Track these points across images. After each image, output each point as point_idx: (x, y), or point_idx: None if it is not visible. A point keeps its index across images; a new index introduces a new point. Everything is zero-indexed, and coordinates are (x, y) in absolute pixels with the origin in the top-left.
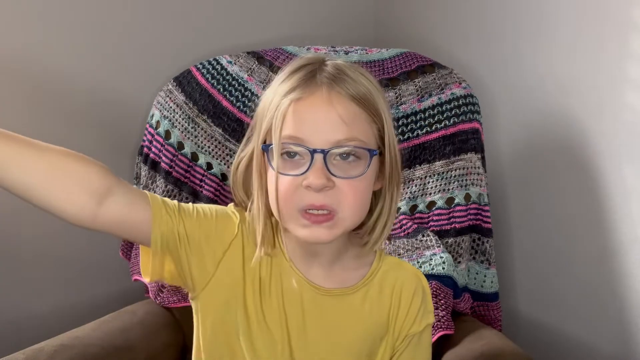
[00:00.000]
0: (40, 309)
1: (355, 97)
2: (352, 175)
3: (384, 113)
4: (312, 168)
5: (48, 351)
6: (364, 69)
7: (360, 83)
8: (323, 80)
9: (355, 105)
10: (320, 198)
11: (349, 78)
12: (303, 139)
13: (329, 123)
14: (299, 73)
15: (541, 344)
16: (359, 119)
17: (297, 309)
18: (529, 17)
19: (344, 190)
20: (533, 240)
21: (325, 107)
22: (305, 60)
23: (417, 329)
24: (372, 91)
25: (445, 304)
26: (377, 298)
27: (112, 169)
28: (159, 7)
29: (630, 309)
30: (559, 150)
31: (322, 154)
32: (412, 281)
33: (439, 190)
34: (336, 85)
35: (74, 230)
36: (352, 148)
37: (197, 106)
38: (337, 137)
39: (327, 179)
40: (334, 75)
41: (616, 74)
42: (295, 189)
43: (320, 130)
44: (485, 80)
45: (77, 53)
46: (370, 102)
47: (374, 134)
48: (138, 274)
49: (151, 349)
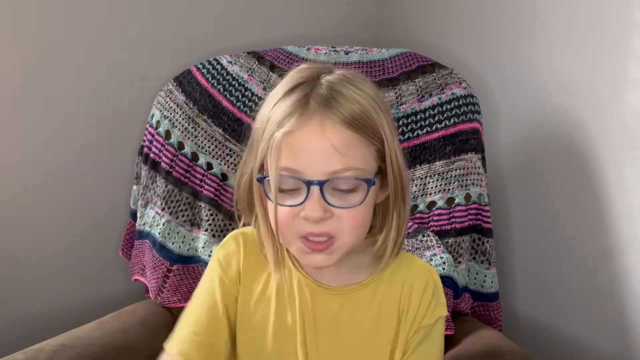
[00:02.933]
0: (40, 309)
1: (350, 122)
2: (351, 204)
3: (384, 130)
4: (308, 199)
5: (48, 351)
6: (362, 77)
7: (355, 102)
8: (316, 106)
9: (350, 131)
10: (319, 227)
11: (342, 99)
12: (299, 170)
13: (323, 154)
14: (294, 95)
15: (541, 344)
16: (355, 145)
17: (307, 310)
18: (529, 17)
19: (342, 218)
20: (533, 240)
21: (319, 138)
22: (300, 78)
23: (430, 321)
24: (368, 109)
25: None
26: (387, 293)
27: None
28: (159, 7)
29: (630, 309)
30: (559, 150)
31: (318, 185)
32: (423, 274)
33: (439, 190)
34: (329, 111)
35: (74, 230)
36: (349, 179)
37: (197, 106)
38: (333, 167)
39: (324, 210)
40: (327, 98)
41: (616, 74)
42: (293, 217)
43: (315, 162)
44: (485, 80)
45: (77, 53)
46: (366, 123)
47: (374, 154)
48: (138, 274)
49: (151, 349)
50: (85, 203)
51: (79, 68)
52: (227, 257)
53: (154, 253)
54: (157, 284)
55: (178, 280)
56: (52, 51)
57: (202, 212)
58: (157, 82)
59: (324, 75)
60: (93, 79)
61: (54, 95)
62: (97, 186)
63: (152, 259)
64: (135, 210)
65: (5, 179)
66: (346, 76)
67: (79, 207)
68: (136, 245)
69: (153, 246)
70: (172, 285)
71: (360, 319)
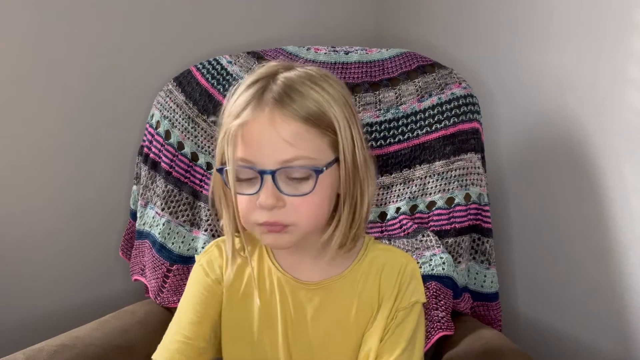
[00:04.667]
0: (40, 309)
1: (300, 116)
2: (303, 192)
3: (338, 121)
4: (262, 188)
5: (48, 351)
6: (329, 76)
7: (309, 98)
8: (268, 101)
9: (301, 123)
10: (274, 215)
11: (296, 95)
12: (252, 161)
13: (274, 145)
14: (251, 90)
15: (541, 344)
16: (305, 136)
17: (287, 308)
18: (529, 17)
19: (296, 206)
20: (533, 240)
21: (268, 129)
22: (259, 74)
23: (406, 304)
24: (322, 104)
25: (445, 305)
26: (366, 282)
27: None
28: (159, 7)
29: (630, 309)
30: (559, 150)
31: (270, 174)
32: (400, 261)
33: (439, 190)
34: (280, 106)
35: (74, 231)
36: (298, 168)
37: (197, 106)
38: (283, 157)
39: (276, 198)
40: (281, 94)
41: (616, 73)
42: (252, 207)
43: (266, 152)
44: (485, 80)
45: (77, 53)
46: (318, 117)
47: (328, 145)
48: (138, 274)
49: (151, 349)
50: (85, 203)
51: (79, 68)
52: (210, 263)
53: (154, 253)
54: (157, 284)
55: (178, 280)
56: (51, 51)
57: (201, 212)
58: (157, 82)
59: (283, 72)
60: (93, 79)
61: (54, 95)
62: (97, 186)
63: (152, 259)
64: (135, 210)
65: (5, 179)
66: (308, 73)
67: (78, 207)
68: (136, 245)
69: (153, 246)
70: (172, 286)
71: (341, 311)
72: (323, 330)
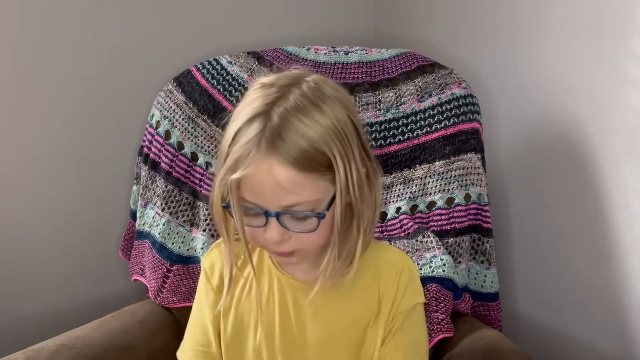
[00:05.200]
0: (40, 309)
1: (297, 162)
2: (307, 229)
3: (337, 161)
4: (268, 225)
5: (48, 351)
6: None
7: (304, 138)
8: (266, 148)
9: (298, 171)
10: (281, 246)
11: (291, 136)
12: (257, 202)
13: (275, 193)
14: (248, 132)
15: (541, 344)
16: (304, 183)
17: (286, 309)
18: (529, 17)
19: (301, 239)
20: (533, 240)
21: (268, 179)
22: (256, 109)
23: (406, 306)
24: (319, 144)
25: (445, 307)
26: (364, 282)
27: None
28: (159, 7)
29: (631, 309)
30: (559, 150)
31: (275, 216)
32: (398, 262)
33: (439, 190)
34: (276, 152)
35: (74, 231)
36: (300, 213)
37: (197, 106)
38: (285, 203)
39: (282, 234)
40: (275, 138)
41: (616, 73)
42: (260, 234)
43: (269, 199)
44: (485, 80)
45: (77, 53)
46: (316, 159)
47: (330, 181)
48: (138, 274)
49: (151, 349)
50: (85, 203)
51: (79, 68)
52: (211, 266)
53: (154, 253)
54: (157, 284)
55: (178, 280)
56: (51, 51)
57: (200, 213)
58: (157, 82)
59: (279, 105)
60: (93, 79)
61: (54, 95)
62: (97, 186)
63: (151, 259)
64: (135, 210)
65: (5, 179)
66: (301, 103)
67: (78, 207)
68: (136, 245)
69: (153, 246)
70: (171, 286)
71: (340, 310)
72: (322, 330)
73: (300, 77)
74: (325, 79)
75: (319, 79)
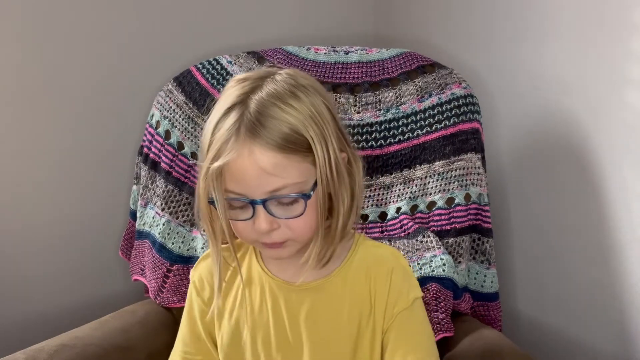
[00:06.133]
0: (40, 309)
1: (278, 144)
2: (295, 214)
3: (314, 140)
4: (255, 215)
5: (48, 351)
6: (299, 81)
7: (283, 122)
8: (245, 134)
9: (280, 153)
10: (272, 236)
11: (270, 122)
12: (241, 192)
13: (258, 178)
14: (227, 121)
15: (541, 344)
16: (287, 165)
17: (279, 312)
18: (529, 17)
19: (290, 226)
20: (533, 240)
21: (250, 164)
22: (233, 99)
23: (405, 304)
24: (297, 126)
25: (445, 307)
26: (356, 280)
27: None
28: (159, 6)
29: (630, 309)
30: (559, 150)
31: (261, 204)
32: (387, 260)
33: (439, 190)
34: (257, 137)
35: (74, 231)
36: (285, 196)
37: (197, 106)
38: (269, 188)
39: (270, 222)
40: (255, 123)
41: (616, 73)
42: (248, 228)
43: (253, 185)
44: (485, 80)
45: (76, 53)
46: (296, 141)
47: (312, 163)
48: (138, 274)
49: (151, 349)
50: (84, 203)
51: (79, 68)
52: (200, 279)
53: (154, 253)
54: (157, 284)
55: (178, 280)
56: (51, 51)
57: None
58: (157, 82)
59: (255, 93)
60: (93, 79)
61: (54, 95)
62: (97, 186)
63: (151, 259)
64: (135, 210)
65: (5, 179)
66: (277, 91)
67: (78, 207)
68: (136, 245)
69: (153, 246)
70: (171, 286)
71: (333, 311)
72: (317, 331)
73: (273, 72)
74: (297, 71)
75: (291, 71)
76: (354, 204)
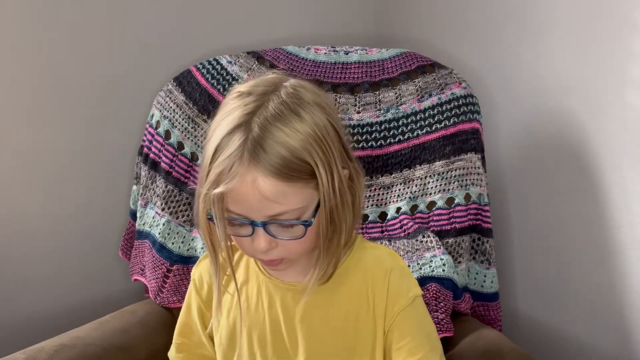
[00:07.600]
0: (40, 309)
1: (280, 172)
2: (294, 236)
3: (319, 169)
4: (255, 234)
5: (48, 351)
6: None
7: (285, 147)
8: (247, 160)
9: (282, 180)
10: (269, 254)
11: (272, 146)
12: (242, 213)
13: (259, 204)
14: (230, 146)
15: (541, 344)
16: (288, 192)
17: (275, 313)
18: (529, 17)
19: (289, 246)
20: (533, 240)
21: (252, 191)
22: (237, 118)
23: (406, 302)
24: (300, 152)
25: (444, 307)
26: (353, 282)
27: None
28: (159, 6)
29: (630, 309)
30: (559, 150)
31: (261, 226)
32: (384, 262)
33: (439, 190)
34: (259, 165)
35: (74, 231)
36: (286, 221)
37: (197, 106)
38: (270, 213)
39: (269, 242)
40: (258, 149)
41: (617, 73)
42: (248, 243)
43: (254, 209)
44: (485, 80)
45: (76, 53)
46: (298, 168)
47: (314, 188)
48: (138, 274)
49: (151, 349)
50: (84, 203)
51: (79, 68)
52: (200, 278)
53: (154, 253)
54: (157, 284)
55: (178, 280)
56: (51, 51)
57: None
58: (157, 82)
59: (259, 115)
60: (93, 79)
61: (54, 95)
62: (97, 186)
63: (151, 259)
64: (135, 210)
65: (5, 179)
66: (281, 111)
67: (78, 207)
68: (136, 245)
69: (153, 246)
70: (172, 286)
71: (330, 311)
72: (312, 332)
73: (277, 83)
74: (303, 83)
75: (297, 84)
76: (355, 220)
